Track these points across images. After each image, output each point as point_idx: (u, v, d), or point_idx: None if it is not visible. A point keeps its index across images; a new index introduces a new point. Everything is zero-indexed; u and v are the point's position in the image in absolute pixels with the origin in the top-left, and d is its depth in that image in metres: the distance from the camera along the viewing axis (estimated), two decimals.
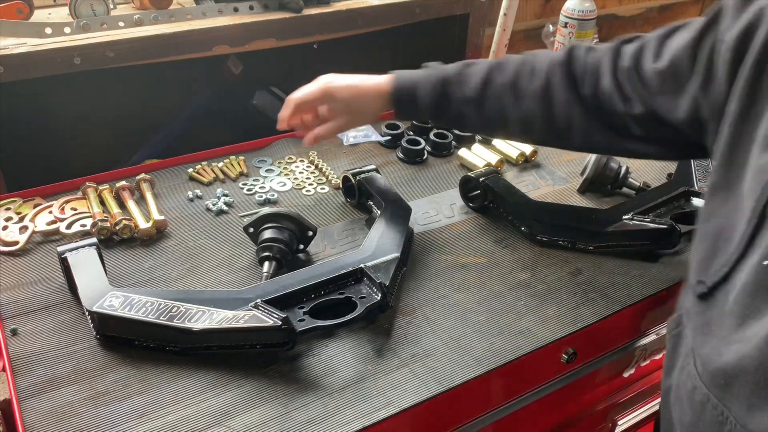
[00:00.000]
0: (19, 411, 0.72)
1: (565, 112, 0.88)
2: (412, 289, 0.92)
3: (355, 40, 1.47)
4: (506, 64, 0.92)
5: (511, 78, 0.90)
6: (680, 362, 0.74)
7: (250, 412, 0.73)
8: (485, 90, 0.91)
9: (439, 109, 0.95)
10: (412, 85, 0.95)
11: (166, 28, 1.22)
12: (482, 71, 0.92)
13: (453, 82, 0.93)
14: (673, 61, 0.77)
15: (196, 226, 1.04)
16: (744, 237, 0.63)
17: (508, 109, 0.91)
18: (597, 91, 0.86)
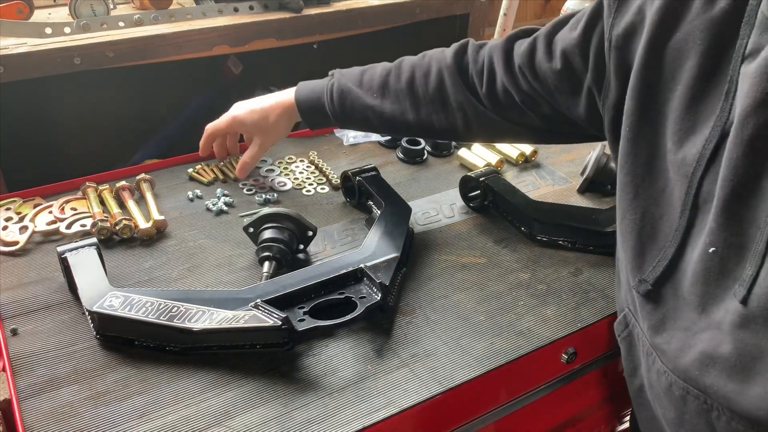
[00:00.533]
0: (19, 411, 0.72)
1: (462, 112, 0.92)
2: (412, 289, 0.92)
3: (355, 40, 1.47)
4: (401, 69, 0.96)
5: (406, 83, 0.95)
6: (643, 362, 0.74)
7: (250, 412, 0.73)
8: (383, 96, 0.96)
9: (345, 117, 1.00)
10: (315, 97, 1.01)
11: (166, 28, 1.22)
12: (379, 77, 0.97)
13: (353, 90, 0.98)
14: (566, 57, 0.80)
15: (196, 226, 1.04)
16: (680, 229, 0.65)
17: (408, 114, 0.95)
18: (494, 89, 0.90)
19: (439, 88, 0.93)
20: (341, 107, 0.99)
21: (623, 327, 0.79)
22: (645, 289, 0.69)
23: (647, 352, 0.72)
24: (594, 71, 0.76)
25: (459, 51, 0.93)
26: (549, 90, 0.84)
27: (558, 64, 0.81)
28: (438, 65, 0.94)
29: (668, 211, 0.67)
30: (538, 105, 0.87)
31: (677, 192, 0.65)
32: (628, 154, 0.71)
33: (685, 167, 0.64)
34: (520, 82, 0.87)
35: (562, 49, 0.80)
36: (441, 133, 0.97)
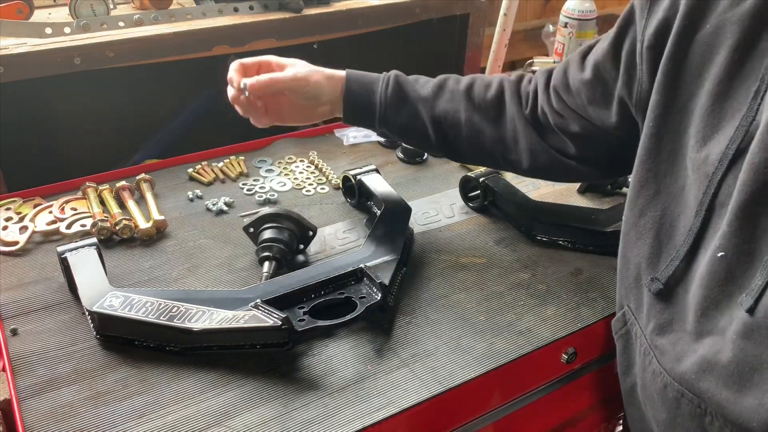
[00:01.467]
0: (19, 411, 0.72)
1: (512, 125, 0.90)
2: (412, 289, 0.92)
3: (355, 40, 1.47)
4: (462, 78, 0.95)
5: (466, 86, 0.93)
6: (639, 361, 0.74)
7: (250, 412, 0.73)
8: (440, 93, 0.93)
9: (395, 106, 0.92)
10: (368, 81, 0.94)
11: (166, 28, 1.22)
12: (438, 79, 0.95)
13: (410, 82, 0.94)
14: (597, 67, 0.79)
15: (196, 226, 1.04)
16: (693, 229, 0.64)
17: (461, 113, 0.91)
18: (535, 110, 0.89)
19: (497, 97, 0.91)
20: (395, 94, 0.92)
21: (621, 324, 0.78)
22: (656, 288, 0.68)
23: (644, 352, 0.72)
24: (625, 76, 0.75)
25: (519, 75, 0.94)
26: (581, 103, 0.83)
27: (589, 75, 0.80)
28: (500, 78, 0.94)
29: (685, 211, 0.66)
30: (567, 124, 0.86)
31: (695, 191, 0.64)
32: (650, 149, 0.69)
33: (706, 167, 0.62)
34: (552, 101, 0.87)
35: (594, 60, 0.80)
36: (489, 143, 0.92)
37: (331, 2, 1.40)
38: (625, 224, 0.75)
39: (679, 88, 0.66)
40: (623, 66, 0.75)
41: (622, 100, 0.77)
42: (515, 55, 2.23)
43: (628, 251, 0.74)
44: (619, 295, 0.80)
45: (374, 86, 0.93)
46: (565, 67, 0.86)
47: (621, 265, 0.77)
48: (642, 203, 0.71)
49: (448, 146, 0.95)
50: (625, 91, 0.75)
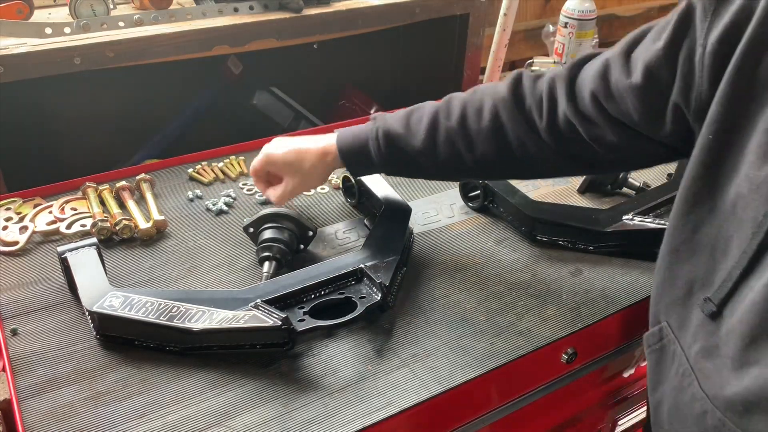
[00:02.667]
0: (19, 411, 0.72)
1: (522, 149, 0.84)
2: (412, 289, 0.92)
3: (355, 40, 1.47)
4: (451, 107, 0.88)
5: (458, 120, 0.86)
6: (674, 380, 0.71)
7: (250, 412, 0.73)
8: (434, 137, 0.87)
9: (395, 165, 0.92)
10: (359, 144, 0.91)
11: (166, 28, 1.22)
12: (427, 118, 0.88)
13: (401, 135, 0.89)
14: (649, 71, 0.71)
15: (196, 226, 1.04)
16: (748, 252, 0.60)
17: (463, 154, 0.86)
18: (555, 122, 0.81)
19: (494, 122, 0.84)
20: (390, 155, 0.89)
21: (656, 340, 0.74)
22: (709, 309, 0.64)
23: (683, 373, 0.68)
24: (681, 83, 0.68)
25: (514, 83, 0.85)
26: (626, 110, 0.74)
27: (639, 80, 0.71)
28: (492, 99, 0.85)
29: (739, 231, 0.62)
30: (603, 134, 0.78)
31: (751, 212, 0.60)
32: (707, 164, 0.65)
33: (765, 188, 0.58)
34: (587, 109, 0.78)
35: (645, 63, 0.71)
36: (502, 171, 0.90)
37: (331, 2, 1.40)
38: (673, 238, 0.70)
39: (745, 102, 0.61)
40: (680, 72, 0.68)
41: (677, 108, 0.70)
42: (515, 55, 2.23)
43: (677, 267, 0.70)
44: (656, 309, 0.75)
45: (367, 149, 0.91)
46: (604, 71, 0.76)
47: (663, 279, 0.72)
48: (696, 219, 0.67)
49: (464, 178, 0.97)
50: (682, 98, 0.68)
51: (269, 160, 0.96)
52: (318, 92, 1.77)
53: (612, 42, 0.80)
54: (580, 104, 0.78)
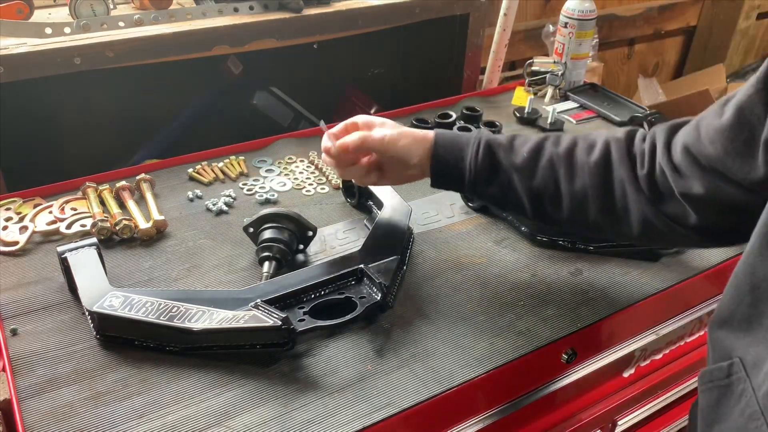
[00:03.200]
0: (19, 411, 0.72)
1: (622, 192, 0.80)
2: (412, 289, 0.92)
3: (355, 40, 1.47)
4: (561, 138, 0.86)
5: (566, 149, 0.83)
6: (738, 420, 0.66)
7: (250, 412, 0.73)
8: (537, 159, 0.83)
9: (485, 174, 0.85)
10: (459, 146, 0.86)
11: (166, 28, 1.22)
12: (534, 141, 0.86)
13: (503, 146, 0.85)
14: (740, 109, 0.68)
15: (196, 226, 1.04)
16: None
17: (561, 182, 0.82)
18: (652, 171, 0.79)
19: (603, 158, 0.81)
20: (485, 163, 0.84)
21: (723, 375, 0.69)
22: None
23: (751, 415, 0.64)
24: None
25: (631, 130, 0.84)
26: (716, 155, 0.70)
27: (730, 118, 0.69)
28: (606, 137, 0.83)
29: None
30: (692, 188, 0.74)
31: None
32: None
33: None
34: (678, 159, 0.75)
35: (737, 102, 0.68)
36: (595, 213, 0.82)
37: (331, 2, 1.40)
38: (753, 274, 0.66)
39: None
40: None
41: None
42: (515, 55, 2.23)
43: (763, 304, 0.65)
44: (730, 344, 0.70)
45: (464, 152, 0.85)
46: (698, 121, 0.74)
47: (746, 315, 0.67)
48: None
49: (546, 218, 0.87)
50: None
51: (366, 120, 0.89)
52: (318, 92, 1.77)
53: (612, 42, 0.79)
54: (673, 155, 0.76)
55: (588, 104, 1.48)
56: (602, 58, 2.50)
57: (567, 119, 1.43)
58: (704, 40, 2.94)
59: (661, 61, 2.93)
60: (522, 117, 1.41)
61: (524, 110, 1.41)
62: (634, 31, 2.65)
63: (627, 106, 1.48)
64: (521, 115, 1.41)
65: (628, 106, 1.48)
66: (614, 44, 2.63)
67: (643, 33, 2.71)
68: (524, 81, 1.54)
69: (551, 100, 1.50)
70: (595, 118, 1.45)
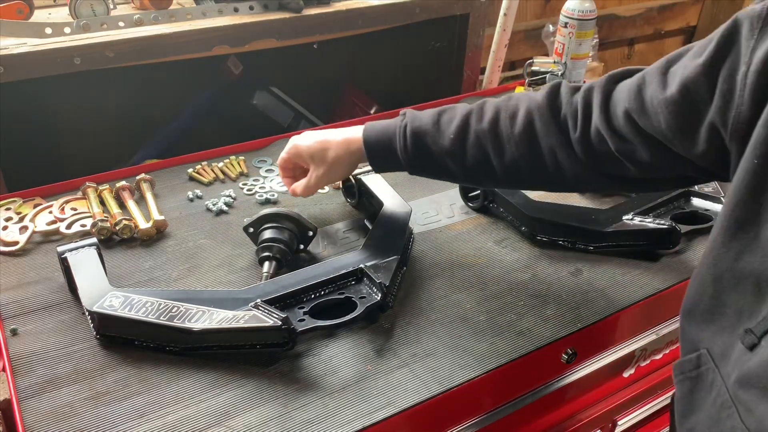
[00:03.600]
0: (19, 411, 0.72)
1: (552, 158, 0.82)
2: (412, 289, 0.92)
3: (355, 40, 1.47)
4: (484, 110, 0.86)
5: (490, 123, 0.84)
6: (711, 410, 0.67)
7: (250, 412, 0.73)
8: (464, 139, 0.85)
9: (418, 162, 0.88)
10: (386, 139, 0.89)
11: (166, 28, 1.22)
12: (458, 119, 0.86)
13: (429, 132, 0.86)
14: (686, 87, 0.68)
15: (196, 226, 1.04)
16: None
17: (492, 158, 0.84)
18: (587, 134, 0.79)
19: (527, 129, 0.82)
20: (415, 152, 0.87)
21: (692, 366, 0.70)
22: (750, 342, 0.61)
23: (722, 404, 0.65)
24: (720, 101, 0.65)
25: (551, 91, 0.83)
26: (659, 126, 0.72)
27: (675, 94, 0.69)
28: (527, 105, 0.83)
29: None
30: (634, 152, 0.76)
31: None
32: (751, 188, 0.62)
33: None
34: (619, 124, 0.76)
35: (682, 78, 0.68)
36: (530, 181, 0.87)
37: (331, 2, 1.40)
38: (715, 265, 0.67)
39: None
40: (719, 90, 0.65)
41: (713, 128, 0.67)
42: (515, 55, 2.23)
43: (724, 295, 0.66)
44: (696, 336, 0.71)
45: (393, 145, 0.89)
46: (640, 86, 0.74)
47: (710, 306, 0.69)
48: (739, 247, 0.64)
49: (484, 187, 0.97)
50: (719, 117, 0.65)
51: (296, 151, 0.97)
52: (318, 92, 1.77)
53: (612, 42, 0.80)
54: (613, 119, 0.76)
55: None
56: (602, 58, 2.50)
57: None
58: None
59: None
60: None
61: None
62: (634, 31, 2.65)
63: None
64: None
65: None
66: (614, 44, 2.63)
67: (643, 33, 2.71)
68: (524, 81, 1.54)
69: None
70: None
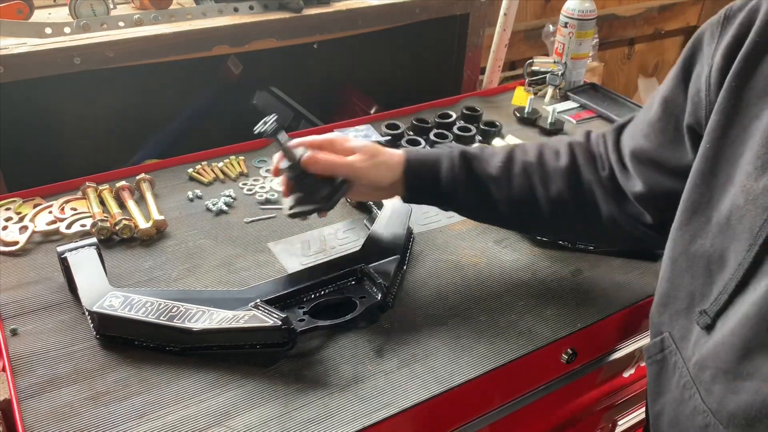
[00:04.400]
0: (19, 411, 0.72)
1: (591, 193, 0.83)
2: (412, 289, 0.92)
3: (355, 40, 1.47)
4: (526, 147, 0.87)
5: (536, 156, 0.85)
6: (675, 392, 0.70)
7: (250, 412, 0.73)
8: (510, 168, 0.85)
9: (461, 186, 0.85)
10: (431, 161, 0.86)
11: (166, 28, 1.22)
12: (503, 151, 0.87)
13: (477, 156, 0.86)
14: (665, 102, 0.73)
15: (196, 226, 1.04)
16: (744, 264, 0.59)
17: (537, 189, 0.84)
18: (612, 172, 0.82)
19: (571, 163, 0.83)
20: (462, 173, 0.84)
21: (657, 350, 0.73)
22: (704, 322, 0.64)
23: (684, 385, 0.68)
24: (691, 104, 0.68)
25: (587, 132, 0.88)
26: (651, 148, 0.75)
27: (658, 111, 0.74)
28: (567, 141, 0.86)
29: (735, 244, 0.60)
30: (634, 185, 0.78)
31: (747, 224, 0.59)
32: (704, 173, 0.64)
33: (764, 198, 0.57)
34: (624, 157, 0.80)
35: (662, 95, 0.74)
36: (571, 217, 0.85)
37: (331, 2, 1.40)
38: (672, 249, 0.70)
39: (741, 108, 0.61)
40: (690, 93, 0.69)
41: (691, 130, 0.69)
42: (515, 55, 2.23)
43: (678, 278, 0.69)
44: (658, 320, 0.74)
45: (438, 165, 0.86)
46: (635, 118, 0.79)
47: (666, 290, 0.71)
48: (693, 230, 0.66)
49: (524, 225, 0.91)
50: (694, 119, 0.68)
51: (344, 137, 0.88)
52: (318, 92, 1.77)
53: (612, 42, 0.81)
54: (623, 155, 0.80)
55: (588, 104, 1.48)
56: (602, 58, 2.50)
57: (567, 119, 1.43)
58: None
59: (661, 61, 2.93)
60: (522, 117, 1.41)
61: (524, 110, 1.41)
62: (634, 31, 2.65)
63: (627, 106, 1.48)
64: (521, 115, 1.41)
65: (628, 106, 1.48)
66: (614, 44, 2.63)
67: (643, 33, 2.70)
68: (524, 81, 1.54)
69: (551, 100, 1.50)
70: (595, 118, 1.45)
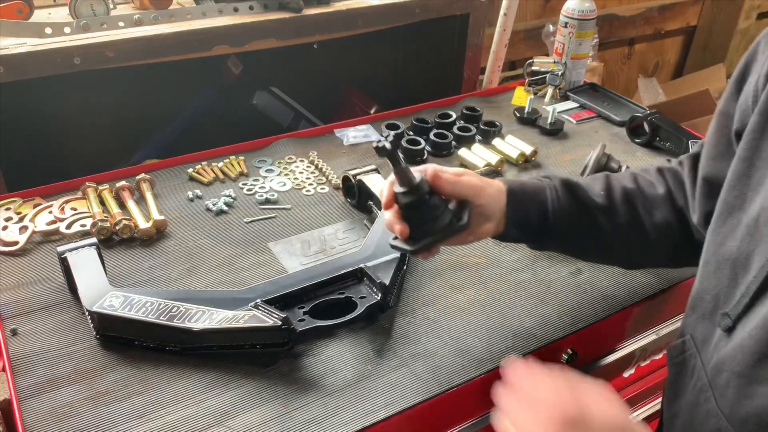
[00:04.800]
0: (19, 411, 0.72)
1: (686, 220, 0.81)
2: (412, 289, 0.92)
3: (355, 40, 1.47)
4: (619, 174, 0.85)
5: (633, 184, 0.83)
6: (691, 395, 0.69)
7: (250, 412, 0.73)
8: (611, 195, 0.82)
9: (569, 212, 0.80)
10: (534, 188, 0.81)
11: (166, 28, 1.22)
12: (598, 178, 0.84)
13: (579, 185, 0.82)
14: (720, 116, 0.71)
15: (196, 226, 1.04)
16: (766, 266, 0.58)
17: (643, 217, 0.81)
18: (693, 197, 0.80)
19: (668, 190, 0.82)
20: (568, 200, 0.80)
21: (679, 352, 0.72)
22: (726, 324, 0.63)
23: (701, 388, 0.67)
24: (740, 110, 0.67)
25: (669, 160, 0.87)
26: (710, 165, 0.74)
27: (714, 125, 0.73)
28: (656, 167, 0.85)
29: (761, 245, 0.60)
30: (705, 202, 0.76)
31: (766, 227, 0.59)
32: (740, 174, 0.64)
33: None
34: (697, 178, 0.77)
35: (718, 110, 0.72)
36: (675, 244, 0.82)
37: (331, 2, 1.40)
38: (705, 252, 0.69)
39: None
40: (740, 101, 0.68)
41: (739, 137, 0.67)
42: (515, 55, 2.23)
43: (706, 281, 0.68)
44: (685, 322, 0.73)
45: (541, 195, 0.81)
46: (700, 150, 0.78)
47: (695, 293, 0.70)
48: (725, 232, 0.65)
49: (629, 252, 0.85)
50: (741, 125, 0.67)
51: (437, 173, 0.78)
52: (318, 92, 1.77)
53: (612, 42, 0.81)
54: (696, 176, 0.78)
55: (588, 104, 1.48)
56: (602, 58, 2.50)
57: (567, 119, 1.43)
58: (704, 40, 2.94)
59: (661, 61, 2.93)
60: (522, 117, 1.41)
61: (524, 110, 1.41)
62: (634, 31, 2.65)
63: (627, 106, 1.48)
64: (521, 115, 1.41)
65: (628, 106, 1.48)
66: (614, 44, 2.63)
67: (643, 33, 2.71)
68: (524, 81, 1.54)
69: (551, 100, 1.50)
70: (595, 118, 1.45)
